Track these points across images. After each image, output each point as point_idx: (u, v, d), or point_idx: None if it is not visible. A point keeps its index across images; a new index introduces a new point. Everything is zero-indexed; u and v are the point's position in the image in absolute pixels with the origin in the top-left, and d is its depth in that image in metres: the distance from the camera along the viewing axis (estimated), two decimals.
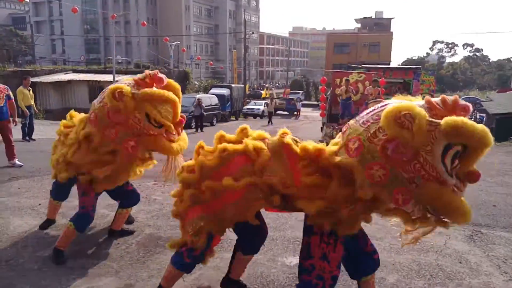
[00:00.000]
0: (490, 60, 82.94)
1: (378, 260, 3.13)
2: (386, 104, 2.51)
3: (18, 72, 22.58)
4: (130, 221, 4.96)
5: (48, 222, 4.76)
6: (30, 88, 12.08)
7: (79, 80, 23.74)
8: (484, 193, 7.14)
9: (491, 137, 2.34)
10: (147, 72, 3.74)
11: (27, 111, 11.51)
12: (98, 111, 3.69)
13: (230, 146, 2.94)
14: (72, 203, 4.95)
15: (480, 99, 37.12)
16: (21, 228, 4.67)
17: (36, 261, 3.91)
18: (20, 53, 50.27)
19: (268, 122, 24.19)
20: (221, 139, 3.09)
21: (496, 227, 5.37)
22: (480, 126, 2.29)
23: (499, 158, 11.57)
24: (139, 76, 3.76)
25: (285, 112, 36.87)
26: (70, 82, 23.46)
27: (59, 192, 4.65)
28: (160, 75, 3.72)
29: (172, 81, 3.87)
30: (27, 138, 11.80)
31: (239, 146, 2.93)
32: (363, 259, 3.06)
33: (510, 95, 23.25)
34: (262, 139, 3.00)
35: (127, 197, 4.52)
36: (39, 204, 5.51)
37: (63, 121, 4.43)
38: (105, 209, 5.47)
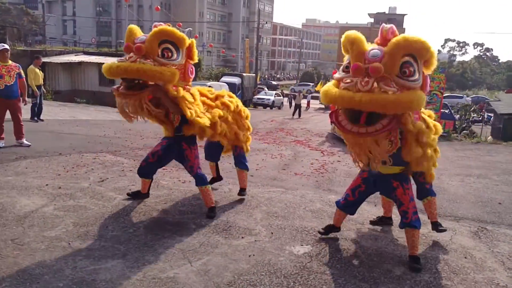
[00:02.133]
0: (500, 61, 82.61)
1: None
2: None
3: (28, 52, 22.49)
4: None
5: None
6: (40, 68, 11.99)
7: (90, 62, 23.60)
8: (490, 191, 7.14)
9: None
10: None
11: (37, 91, 11.51)
12: None
13: None
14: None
15: (488, 98, 36.94)
16: (28, 208, 4.64)
17: (42, 240, 3.88)
18: (30, 32, 50.00)
19: (293, 115, 23.53)
20: None
21: (501, 224, 5.41)
22: None
23: (505, 157, 11.52)
24: None
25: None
26: (80, 64, 23.34)
27: None
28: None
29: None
30: (35, 118, 11.75)
31: None
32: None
33: None
34: None
35: None
36: (46, 185, 5.50)
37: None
38: (113, 192, 5.47)
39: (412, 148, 3.64)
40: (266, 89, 39.75)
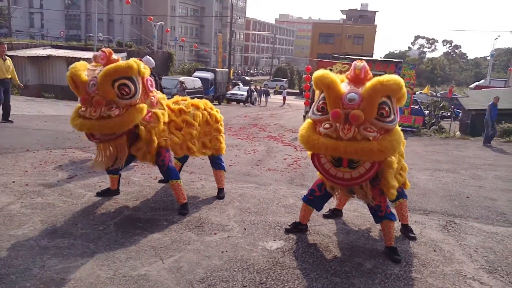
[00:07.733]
0: (468, 58, 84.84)
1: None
2: None
3: None
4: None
5: None
6: (7, 58, 10.42)
7: (58, 56, 23.02)
8: (458, 185, 7.31)
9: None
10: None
11: None
12: None
13: None
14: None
15: (457, 95, 37.93)
16: None
17: (8, 239, 3.77)
18: None
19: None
20: None
21: (469, 218, 5.55)
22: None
23: (473, 152, 11.82)
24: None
25: None
26: (48, 57, 22.72)
27: None
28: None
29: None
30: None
31: None
32: None
33: (485, 92, 23.76)
34: None
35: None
36: (13, 182, 5.34)
37: None
38: (82, 189, 5.37)
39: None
40: (241, 84, 39.68)
